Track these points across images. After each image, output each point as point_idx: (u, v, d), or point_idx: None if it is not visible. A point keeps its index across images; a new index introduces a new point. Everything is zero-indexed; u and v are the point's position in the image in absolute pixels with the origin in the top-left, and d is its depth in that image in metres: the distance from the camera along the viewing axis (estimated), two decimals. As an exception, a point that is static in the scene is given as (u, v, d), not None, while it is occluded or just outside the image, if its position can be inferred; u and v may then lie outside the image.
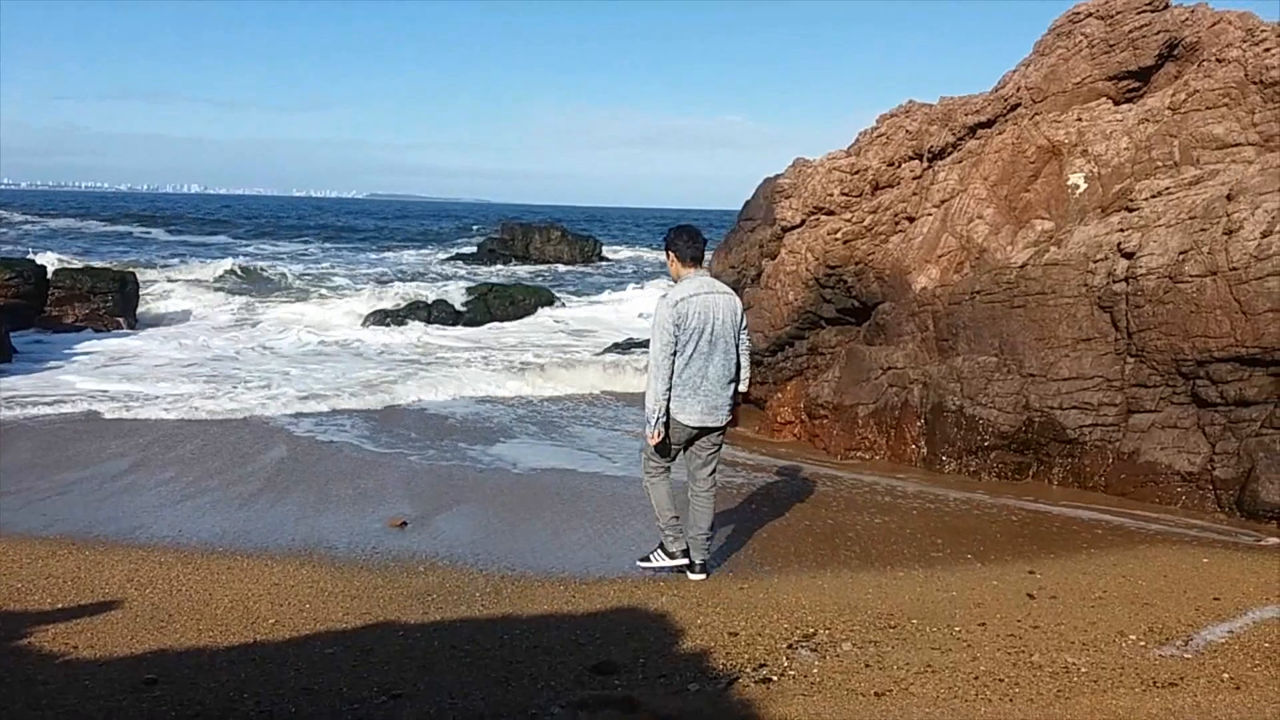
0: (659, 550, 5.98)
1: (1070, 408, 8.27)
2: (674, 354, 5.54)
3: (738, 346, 5.79)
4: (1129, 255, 8.19)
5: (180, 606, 5.32)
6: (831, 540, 6.90)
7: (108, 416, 10.74)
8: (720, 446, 5.93)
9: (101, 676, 4.32)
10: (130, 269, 21.67)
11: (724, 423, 5.78)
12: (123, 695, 4.10)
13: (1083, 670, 4.37)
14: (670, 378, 5.55)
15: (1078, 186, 9.65)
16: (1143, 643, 4.75)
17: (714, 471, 5.93)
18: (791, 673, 4.30)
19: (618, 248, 47.54)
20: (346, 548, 6.57)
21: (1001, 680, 4.23)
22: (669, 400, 5.59)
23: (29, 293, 17.06)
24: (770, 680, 4.21)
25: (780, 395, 10.78)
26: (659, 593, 5.60)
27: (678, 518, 5.89)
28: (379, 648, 4.71)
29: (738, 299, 5.83)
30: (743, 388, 5.94)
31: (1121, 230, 8.45)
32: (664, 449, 5.78)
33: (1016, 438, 8.52)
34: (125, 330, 18.04)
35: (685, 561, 5.88)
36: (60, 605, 5.32)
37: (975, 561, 6.41)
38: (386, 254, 43.07)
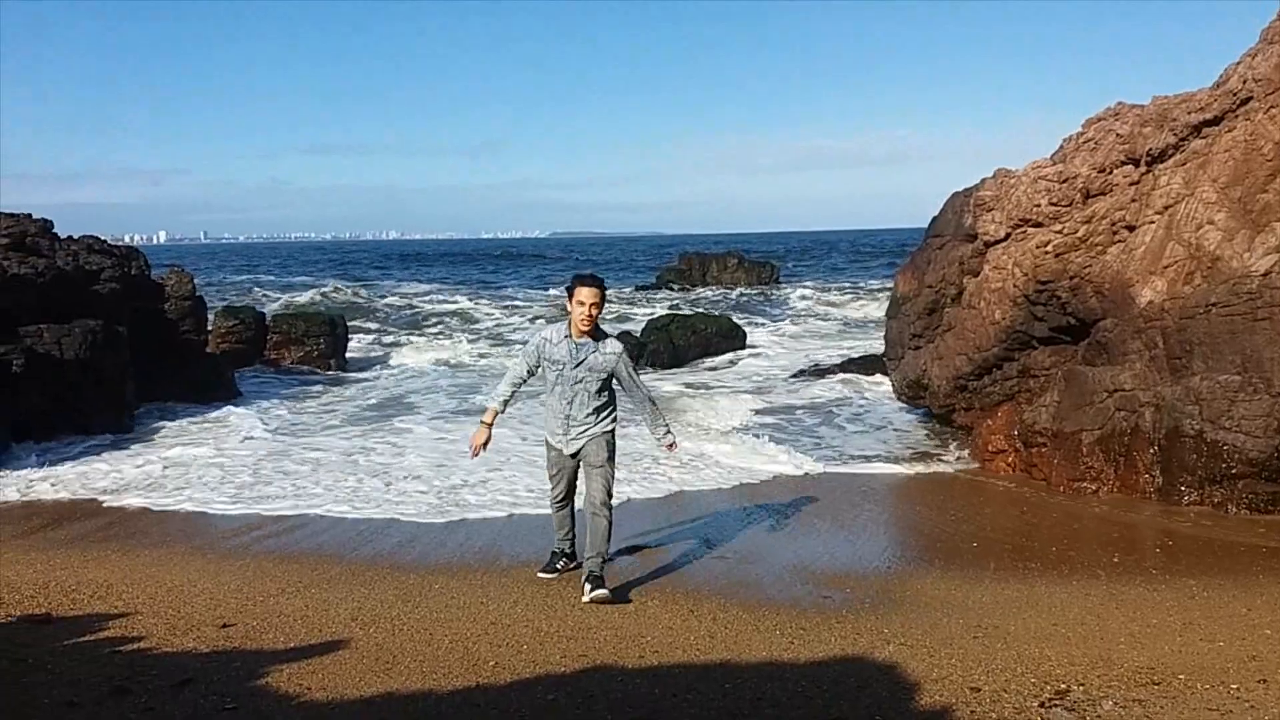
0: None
1: (1334, 431, 7.37)
2: None
3: None
4: (1399, 257, 7.26)
5: (403, 647, 5.39)
6: (1068, 581, 6.36)
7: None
8: None
9: None
10: (340, 313, 22.36)
11: None
12: (357, 739, 4.15)
13: (1400, 741, 3.77)
14: None
15: (1326, 184, 8.66)
16: None
17: None
18: (1049, 736, 3.91)
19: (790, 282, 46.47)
20: (558, 583, 6.55)
21: (1302, 751, 3.71)
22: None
23: (250, 338, 18.33)
24: (1026, 744, 3.83)
25: (990, 422, 10.16)
26: (884, 640, 5.28)
27: None
28: (600, 695, 4.60)
29: None
30: None
31: (1388, 229, 7.50)
32: None
33: (1268, 465, 7.67)
34: (335, 372, 18.66)
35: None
36: (292, 644, 5.49)
37: (1238, 605, 5.75)
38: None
